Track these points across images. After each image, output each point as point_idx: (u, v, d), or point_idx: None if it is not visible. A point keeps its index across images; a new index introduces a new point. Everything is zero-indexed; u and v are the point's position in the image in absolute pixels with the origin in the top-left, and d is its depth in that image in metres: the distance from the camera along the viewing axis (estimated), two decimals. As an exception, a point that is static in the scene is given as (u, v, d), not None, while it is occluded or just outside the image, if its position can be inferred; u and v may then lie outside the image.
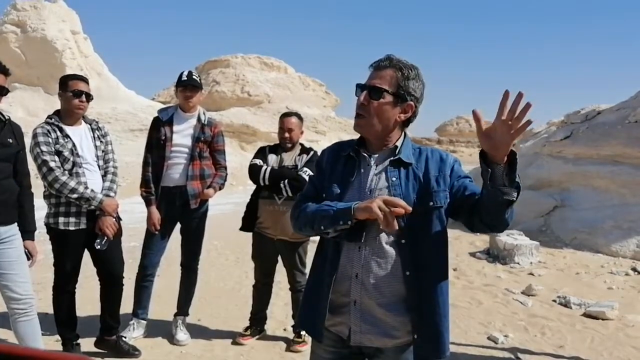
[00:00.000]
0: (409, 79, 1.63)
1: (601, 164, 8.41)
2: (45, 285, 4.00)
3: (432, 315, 1.62)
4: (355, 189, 1.68)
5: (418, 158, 1.69)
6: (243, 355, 3.60)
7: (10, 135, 2.79)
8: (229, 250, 6.94)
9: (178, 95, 3.65)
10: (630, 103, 9.06)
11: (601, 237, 7.41)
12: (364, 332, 1.65)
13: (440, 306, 1.64)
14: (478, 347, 3.91)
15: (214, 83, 27.50)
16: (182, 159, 3.61)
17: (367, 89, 1.64)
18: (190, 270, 3.84)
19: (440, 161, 1.68)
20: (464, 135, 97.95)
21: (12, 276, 2.76)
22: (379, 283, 1.63)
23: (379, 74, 1.65)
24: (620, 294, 5.37)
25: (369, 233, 1.64)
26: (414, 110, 1.69)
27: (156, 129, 3.63)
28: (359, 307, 1.64)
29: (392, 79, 1.63)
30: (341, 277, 1.67)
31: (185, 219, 3.71)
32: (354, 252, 1.65)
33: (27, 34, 23.18)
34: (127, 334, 3.61)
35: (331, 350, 1.74)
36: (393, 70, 1.63)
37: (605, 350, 3.89)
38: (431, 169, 1.66)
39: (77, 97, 3.13)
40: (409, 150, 1.71)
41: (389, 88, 1.62)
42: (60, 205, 3.10)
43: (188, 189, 3.60)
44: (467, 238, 8.01)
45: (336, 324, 1.71)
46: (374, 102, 1.63)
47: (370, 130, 1.67)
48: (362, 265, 1.63)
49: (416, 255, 1.61)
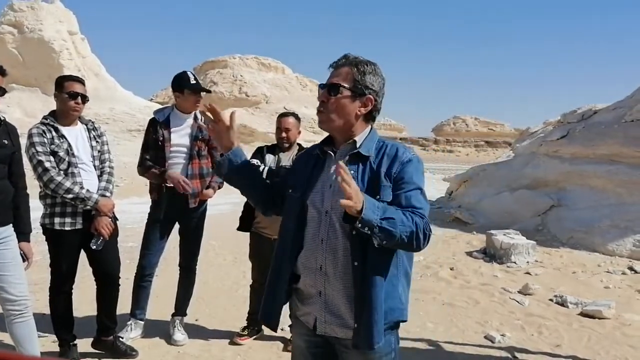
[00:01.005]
0: (365, 73, 1.71)
1: (598, 164, 8.44)
2: (43, 286, 3.99)
3: (369, 306, 1.66)
4: (319, 185, 1.76)
5: (378, 152, 1.73)
6: (240, 355, 3.60)
7: (5, 136, 2.78)
8: (227, 250, 6.94)
9: (184, 97, 3.58)
10: (626, 102, 9.10)
11: (598, 237, 7.43)
12: (328, 322, 1.74)
13: (376, 298, 1.66)
14: (475, 346, 3.91)
15: (211, 84, 27.53)
16: (181, 158, 3.60)
17: (326, 86, 1.72)
18: (189, 271, 3.83)
19: (394, 156, 1.70)
20: (461, 135, 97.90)
21: (7, 277, 2.75)
22: (339, 274, 1.70)
23: (336, 72, 1.73)
24: (617, 293, 5.38)
25: (329, 226, 1.71)
26: (375, 103, 1.74)
27: (153, 130, 3.61)
28: (324, 297, 1.74)
29: (348, 75, 1.70)
30: (308, 270, 1.76)
31: (184, 219, 3.71)
32: (317, 245, 1.73)
33: (24, 35, 23.14)
34: (124, 335, 3.60)
35: (305, 338, 1.85)
36: (349, 67, 1.71)
37: (602, 349, 3.90)
38: (384, 163, 1.70)
39: (73, 99, 3.12)
40: (372, 144, 1.74)
41: (346, 83, 1.70)
42: (56, 205, 3.09)
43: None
44: (464, 237, 8.03)
45: (304, 314, 1.82)
46: (332, 98, 1.71)
47: (332, 125, 1.74)
48: (325, 258, 1.71)
49: (364, 248, 1.64)
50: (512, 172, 9.76)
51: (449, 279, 5.76)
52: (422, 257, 6.69)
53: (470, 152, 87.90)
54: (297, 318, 1.87)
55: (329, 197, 1.72)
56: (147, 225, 3.70)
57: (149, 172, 3.58)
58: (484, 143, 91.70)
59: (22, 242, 2.89)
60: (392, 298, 1.71)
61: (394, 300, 1.72)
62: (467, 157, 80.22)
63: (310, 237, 1.76)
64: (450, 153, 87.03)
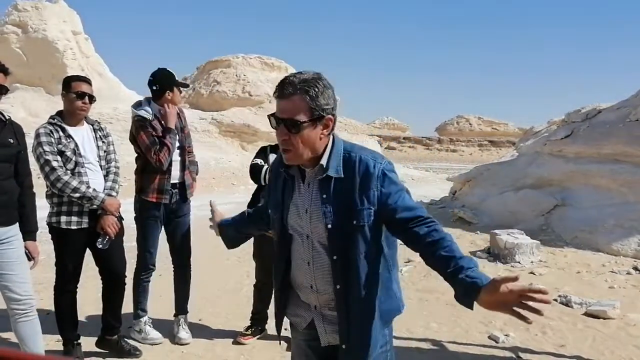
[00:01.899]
0: (317, 96, 1.56)
1: (602, 163, 8.40)
2: (47, 285, 4.01)
3: (359, 325, 1.67)
4: (293, 209, 1.73)
5: (346, 169, 1.64)
6: (244, 354, 3.61)
7: (11, 136, 2.80)
8: (230, 250, 6.93)
9: (174, 93, 3.57)
10: (631, 102, 9.05)
11: (602, 236, 7.40)
12: (329, 332, 1.77)
13: (365, 318, 1.68)
14: (479, 346, 3.91)
15: (214, 83, 27.50)
16: (176, 154, 3.63)
17: (283, 122, 1.58)
18: (185, 268, 3.84)
19: (365, 174, 1.61)
20: (464, 135, 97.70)
21: (12, 277, 2.77)
22: (330, 293, 1.71)
23: (287, 105, 1.56)
24: (621, 293, 5.36)
25: (313, 249, 1.71)
26: (334, 119, 1.64)
27: (146, 127, 3.50)
28: (319, 310, 1.78)
29: (302, 105, 1.55)
30: (300, 287, 1.80)
31: (173, 216, 3.71)
32: (304, 266, 1.75)
33: (28, 35, 23.19)
34: (142, 335, 3.66)
35: (303, 332, 1.88)
36: (300, 96, 1.55)
37: (607, 349, 3.88)
38: (356, 184, 1.61)
39: (81, 99, 3.15)
40: (338, 159, 1.65)
41: (303, 116, 1.56)
42: (62, 204, 3.11)
43: (185, 180, 3.67)
44: (468, 237, 8.01)
45: (295, 316, 1.86)
46: (294, 136, 1.58)
47: (302, 159, 1.64)
48: (313, 278, 1.73)
49: (346, 271, 1.65)
50: (516, 172, 9.73)
51: (452, 279, 5.74)
52: (425, 257, 6.69)
53: (474, 151, 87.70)
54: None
55: (307, 222, 1.69)
56: (143, 224, 3.65)
57: (164, 148, 3.45)
58: (488, 142, 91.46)
59: (28, 241, 2.91)
60: (389, 298, 1.73)
61: (391, 300, 1.74)
62: (470, 156, 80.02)
63: (297, 258, 1.77)
64: (453, 152, 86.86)
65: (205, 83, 27.97)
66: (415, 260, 5.79)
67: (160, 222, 3.66)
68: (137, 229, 3.65)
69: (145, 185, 3.56)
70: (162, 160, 3.46)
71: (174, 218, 3.72)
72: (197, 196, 4.09)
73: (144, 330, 3.67)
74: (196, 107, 26.60)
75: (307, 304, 1.80)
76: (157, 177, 3.55)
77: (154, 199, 3.56)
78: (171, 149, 3.51)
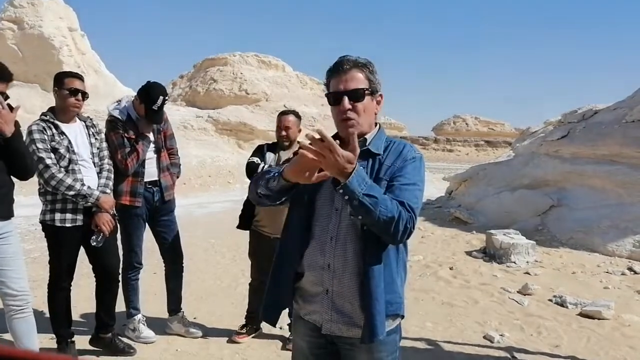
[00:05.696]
0: (373, 73, 1.73)
1: (598, 164, 8.43)
2: (41, 282, 3.98)
3: (370, 299, 1.65)
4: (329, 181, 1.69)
5: (385, 149, 1.75)
6: (239, 353, 3.60)
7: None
8: (226, 248, 6.93)
9: (144, 109, 3.46)
10: (627, 103, 9.08)
11: (597, 237, 7.42)
12: (334, 321, 1.72)
13: (378, 290, 1.65)
14: (474, 346, 3.91)
15: (211, 81, 27.44)
16: (152, 152, 3.61)
17: (347, 94, 1.68)
18: (178, 265, 3.84)
19: (399, 153, 1.72)
20: (461, 134, 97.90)
21: (8, 272, 2.75)
22: (348, 272, 1.68)
23: (347, 77, 1.69)
24: (616, 294, 5.38)
25: (339, 224, 1.69)
26: (382, 100, 1.78)
27: (118, 129, 3.46)
28: (331, 295, 1.71)
29: (361, 77, 1.70)
30: (313, 267, 1.73)
31: (157, 215, 3.70)
32: (325, 243, 1.70)
33: (24, 31, 23.08)
34: (137, 334, 3.63)
35: (307, 339, 1.81)
36: (359, 70, 1.70)
37: (602, 349, 3.89)
38: (388, 159, 1.72)
39: (74, 96, 3.12)
40: (381, 141, 1.76)
41: (366, 87, 1.69)
42: (56, 202, 3.08)
43: (162, 182, 3.64)
44: (464, 237, 8.02)
45: (310, 313, 1.78)
46: (357, 105, 1.69)
47: (361, 129, 1.72)
48: (334, 255, 1.69)
49: (374, 244, 1.64)
50: (512, 172, 9.75)
51: (448, 279, 5.76)
52: (421, 257, 6.69)
53: (471, 151, 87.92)
54: (301, 318, 1.82)
55: (339, 196, 1.66)
56: (125, 224, 3.59)
57: (133, 154, 3.43)
58: (484, 142, 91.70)
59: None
60: (392, 291, 1.72)
61: (393, 294, 1.73)
62: (467, 156, 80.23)
63: (318, 235, 1.73)
64: (450, 152, 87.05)
65: (202, 81, 27.91)
66: (411, 260, 5.79)
67: (143, 220, 3.64)
68: (120, 230, 3.55)
69: (118, 187, 3.49)
70: (128, 166, 3.43)
71: (159, 217, 3.70)
72: (194, 194, 4.08)
73: (137, 329, 3.66)
74: (193, 104, 26.54)
75: (316, 294, 1.74)
76: (130, 180, 3.51)
77: (127, 202, 3.51)
78: (141, 155, 3.48)
